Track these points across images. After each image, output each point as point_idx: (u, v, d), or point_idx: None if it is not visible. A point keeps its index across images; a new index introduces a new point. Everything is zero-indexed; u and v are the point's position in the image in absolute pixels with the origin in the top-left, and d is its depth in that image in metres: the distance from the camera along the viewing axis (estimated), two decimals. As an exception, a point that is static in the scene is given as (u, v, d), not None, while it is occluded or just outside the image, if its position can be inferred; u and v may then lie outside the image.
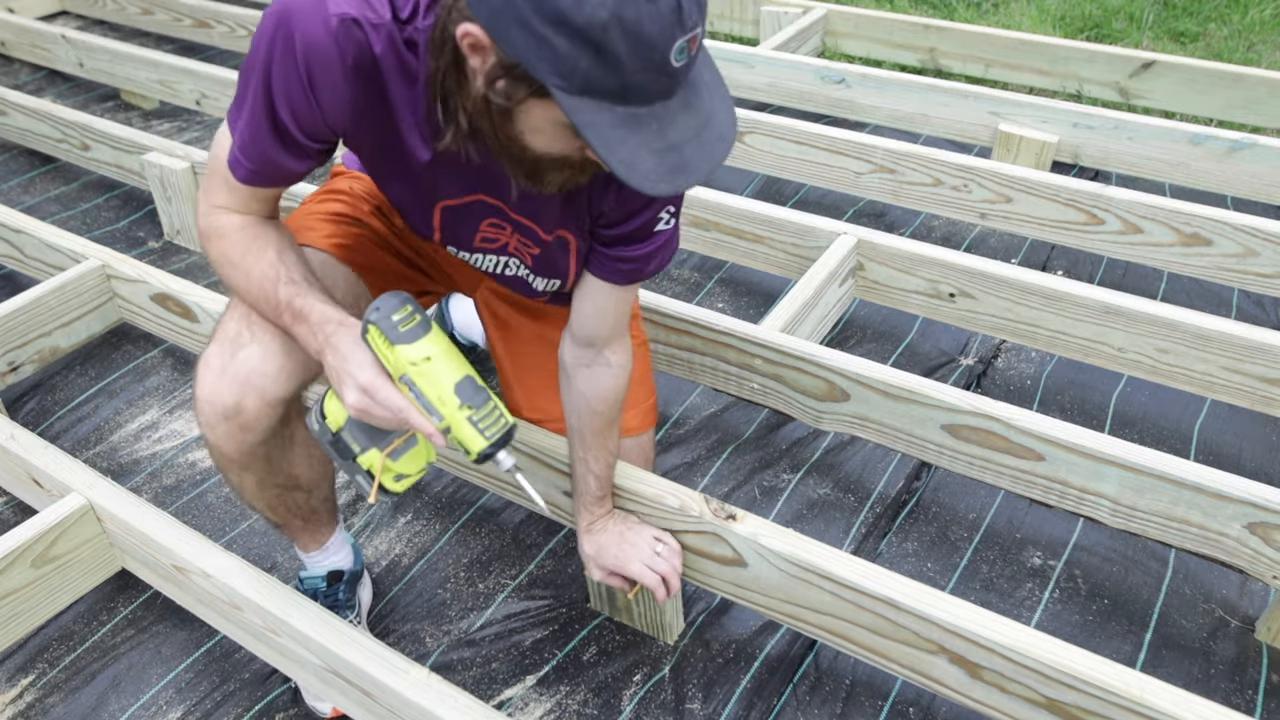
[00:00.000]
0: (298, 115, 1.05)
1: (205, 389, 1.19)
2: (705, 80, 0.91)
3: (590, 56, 0.81)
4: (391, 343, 1.06)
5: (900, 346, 2.18)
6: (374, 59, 1.01)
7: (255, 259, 1.14)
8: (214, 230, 1.16)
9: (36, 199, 2.81)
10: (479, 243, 1.26)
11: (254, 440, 1.22)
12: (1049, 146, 2.65)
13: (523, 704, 1.46)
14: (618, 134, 0.86)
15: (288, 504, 1.36)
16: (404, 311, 1.07)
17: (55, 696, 1.48)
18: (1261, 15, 3.70)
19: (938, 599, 1.24)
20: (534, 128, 0.93)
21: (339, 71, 1.01)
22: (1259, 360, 1.74)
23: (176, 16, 3.72)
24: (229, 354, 1.18)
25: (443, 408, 1.07)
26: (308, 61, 1.00)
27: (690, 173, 0.89)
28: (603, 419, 1.34)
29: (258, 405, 1.18)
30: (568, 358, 1.34)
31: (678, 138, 0.88)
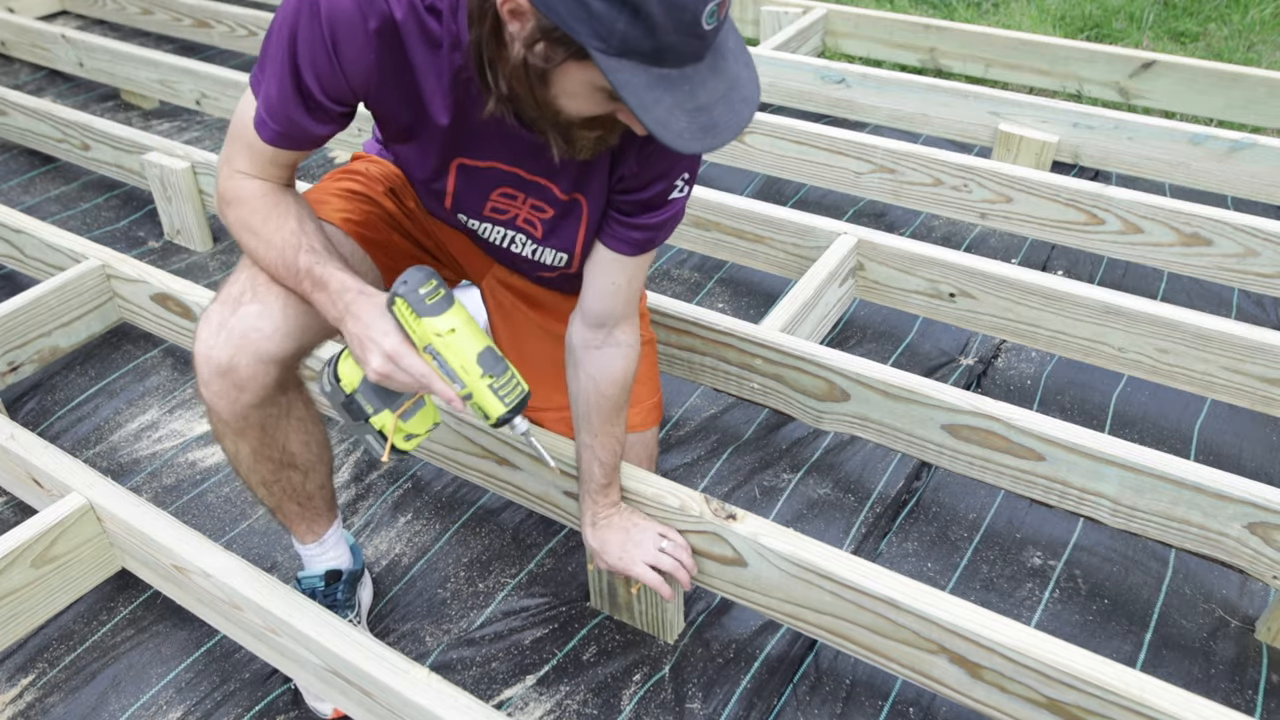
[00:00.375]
0: (321, 78, 1.08)
1: (202, 344, 1.20)
2: (730, 46, 0.95)
3: (628, 18, 0.85)
4: (419, 315, 1.10)
5: (900, 346, 2.18)
6: (395, 24, 1.05)
7: (276, 227, 1.17)
8: (234, 195, 1.18)
9: (36, 199, 2.81)
10: (489, 212, 1.28)
11: (248, 401, 1.22)
12: (1049, 146, 2.65)
13: (523, 704, 1.46)
14: (653, 94, 0.89)
15: (283, 484, 1.36)
16: (430, 285, 1.11)
17: (55, 696, 1.48)
18: (1261, 15, 3.70)
19: (938, 599, 1.24)
20: (569, 91, 0.96)
21: (361, 35, 1.04)
22: (1259, 360, 1.74)
23: (176, 16, 3.72)
24: (229, 311, 1.19)
25: (465, 376, 1.12)
26: (332, 26, 1.03)
27: (720, 132, 0.92)
28: (611, 402, 1.34)
29: (251, 362, 1.19)
30: (576, 340, 1.34)
31: (707, 99, 0.91)
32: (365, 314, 1.12)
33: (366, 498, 1.81)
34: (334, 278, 1.15)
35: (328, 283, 1.14)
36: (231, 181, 1.19)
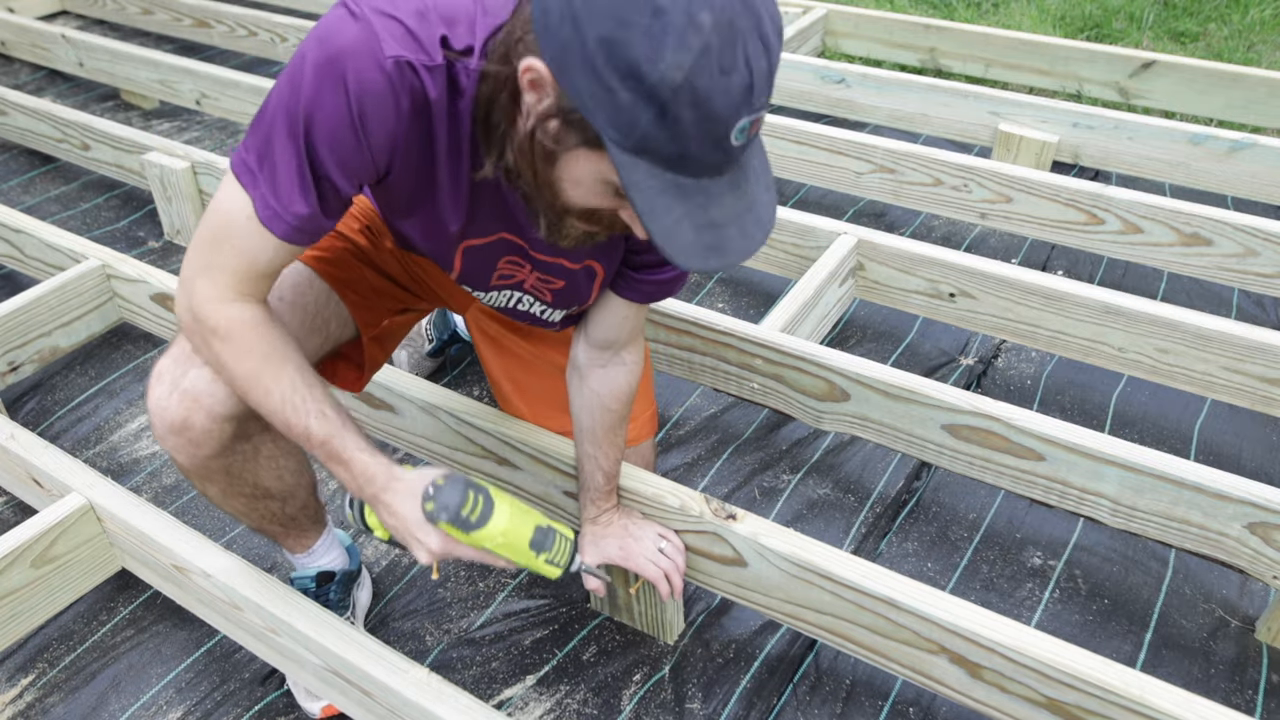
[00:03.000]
0: (345, 160, 0.98)
1: (153, 401, 1.16)
2: (755, 165, 0.90)
3: (653, 116, 0.79)
4: (466, 533, 1.12)
5: (900, 346, 2.18)
6: (428, 102, 0.97)
7: (274, 377, 1.07)
8: (217, 327, 1.05)
9: (36, 199, 2.81)
10: (495, 280, 1.25)
11: (207, 454, 1.19)
12: (1049, 146, 2.65)
13: (523, 703, 1.46)
14: (663, 201, 0.84)
15: (261, 512, 1.34)
16: (469, 501, 1.11)
17: (55, 696, 1.48)
18: (1261, 15, 3.70)
19: (938, 599, 1.24)
20: (575, 178, 0.91)
21: (393, 113, 0.96)
22: (1259, 360, 1.74)
23: (176, 16, 3.72)
24: (180, 370, 1.15)
25: (520, 560, 1.17)
26: (361, 103, 0.94)
27: (726, 254, 0.87)
28: (615, 416, 1.34)
29: (205, 422, 1.15)
30: (582, 359, 1.34)
31: (720, 216, 0.86)
32: (401, 509, 1.11)
33: (366, 498, 1.81)
34: (356, 459, 1.10)
35: (349, 463, 1.11)
36: (211, 307, 1.04)
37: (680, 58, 0.77)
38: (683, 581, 1.40)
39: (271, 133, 0.98)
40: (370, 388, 1.70)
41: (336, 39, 0.93)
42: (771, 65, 0.82)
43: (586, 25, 0.79)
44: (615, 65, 0.78)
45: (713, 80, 0.78)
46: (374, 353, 1.42)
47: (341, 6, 0.96)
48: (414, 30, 0.94)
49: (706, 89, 0.78)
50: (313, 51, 0.94)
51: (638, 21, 0.77)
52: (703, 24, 0.77)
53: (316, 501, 1.43)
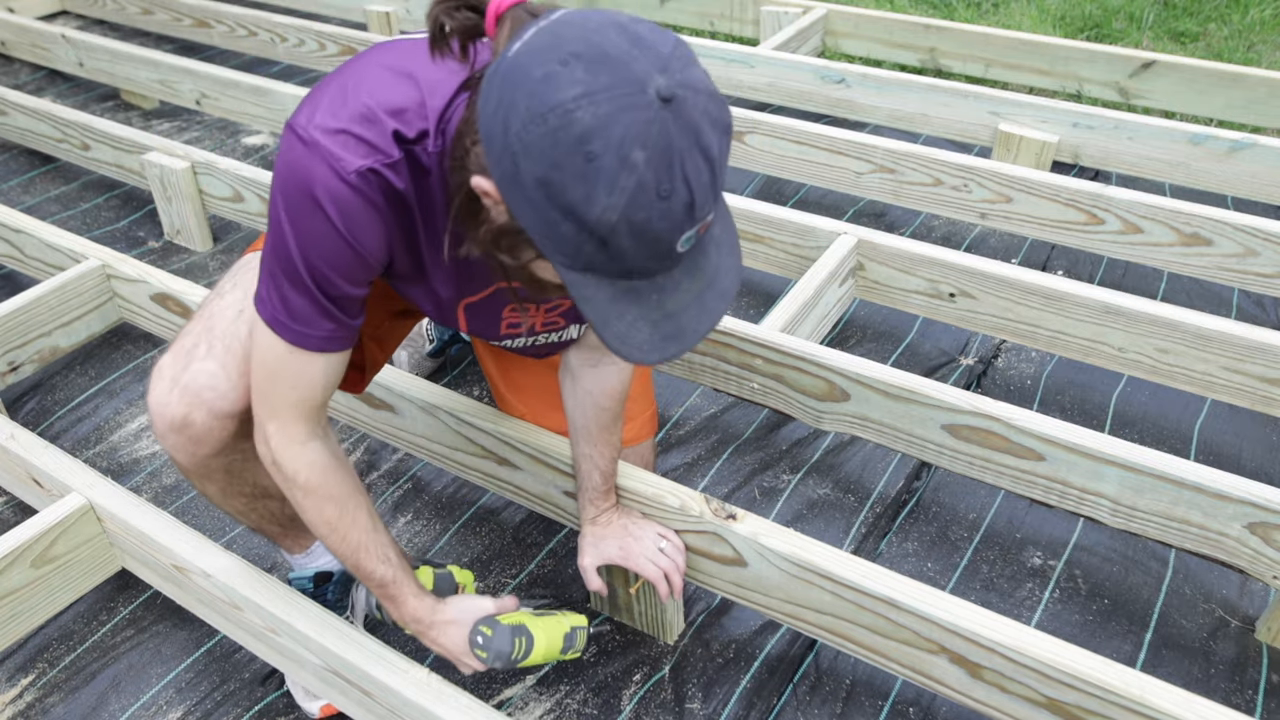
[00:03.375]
0: (350, 274, 1.02)
1: (154, 399, 1.17)
2: (715, 235, 0.90)
3: (595, 246, 0.81)
4: (516, 666, 1.31)
5: (900, 346, 2.18)
6: (399, 194, 1.00)
7: (351, 521, 1.18)
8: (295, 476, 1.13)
9: (36, 199, 2.81)
10: (505, 330, 1.26)
11: (207, 453, 1.20)
12: (1049, 146, 2.65)
13: (522, 703, 1.46)
14: (616, 308, 0.85)
15: (260, 512, 1.34)
16: (516, 647, 1.28)
17: (55, 696, 1.48)
18: (1261, 15, 3.70)
19: (938, 599, 1.24)
20: (540, 268, 0.92)
21: (377, 217, 0.99)
22: (1259, 360, 1.74)
23: (176, 16, 3.72)
24: (181, 365, 1.17)
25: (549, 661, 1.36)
26: (345, 220, 0.98)
27: (684, 339, 0.88)
28: (609, 414, 1.35)
29: (206, 419, 1.16)
30: (573, 360, 1.34)
31: (676, 306, 0.87)
32: (448, 644, 1.26)
33: (366, 498, 1.81)
34: (408, 603, 1.24)
35: (402, 604, 1.24)
36: (290, 453, 1.12)
37: (614, 200, 0.78)
38: (683, 581, 1.40)
39: (280, 283, 1.03)
40: (371, 387, 1.70)
41: (299, 173, 0.96)
42: (715, 171, 0.82)
43: (524, 164, 0.80)
44: (554, 204, 0.80)
45: (650, 209, 0.79)
46: (374, 353, 1.42)
47: (290, 136, 0.98)
48: (363, 136, 0.96)
49: (644, 220, 0.79)
50: (283, 191, 0.98)
51: (570, 166, 0.78)
52: (635, 163, 0.77)
53: None
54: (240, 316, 1.18)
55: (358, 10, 3.84)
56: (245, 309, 1.18)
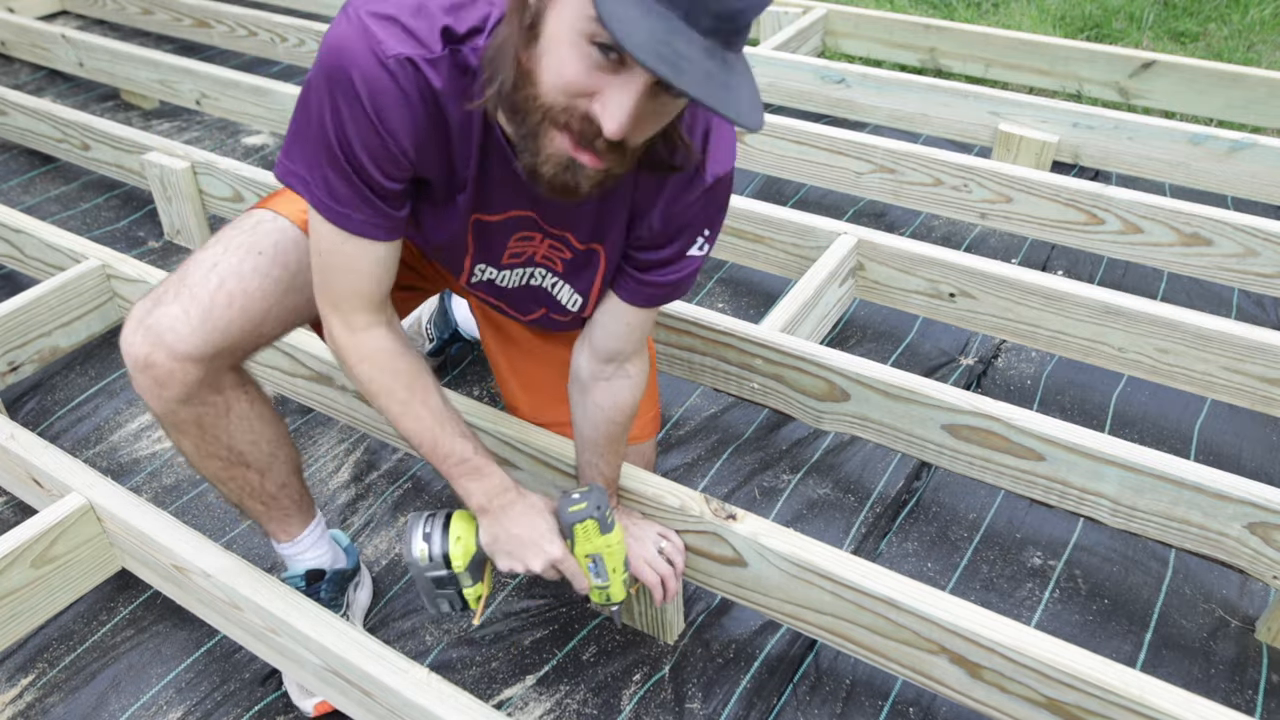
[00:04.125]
0: (379, 160, 1.04)
1: (123, 338, 1.21)
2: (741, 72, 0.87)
3: None
4: (601, 533, 1.26)
5: (900, 346, 2.18)
6: (435, 93, 1.01)
7: (423, 400, 1.20)
8: (364, 357, 1.18)
9: (36, 199, 2.81)
10: (507, 259, 1.26)
11: (172, 397, 1.21)
12: (1049, 146, 2.65)
13: (522, 703, 1.46)
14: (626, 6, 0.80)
15: (239, 482, 1.35)
16: (610, 506, 1.26)
17: (55, 696, 1.48)
18: (1261, 15, 3.70)
19: (938, 599, 1.24)
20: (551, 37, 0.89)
21: (406, 107, 1.00)
22: (1259, 360, 1.74)
23: (176, 16, 3.72)
24: (149, 309, 1.20)
25: (613, 575, 1.31)
26: (372, 98, 0.99)
27: (682, 73, 0.81)
28: (619, 428, 1.35)
29: (167, 360, 1.18)
30: (585, 372, 1.33)
31: (686, 51, 0.82)
32: (529, 518, 1.24)
33: (366, 497, 1.81)
34: (495, 474, 1.23)
35: (487, 475, 1.23)
36: (353, 340, 1.17)
37: None
38: (680, 585, 1.40)
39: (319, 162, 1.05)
40: (370, 388, 1.69)
41: (340, 50, 0.98)
42: None
43: None
44: None
45: None
46: None
47: (341, 14, 1.00)
48: (410, 27, 0.99)
49: None
50: (323, 63, 1.00)
51: None
52: None
53: (301, 485, 1.43)
54: (214, 269, 1.21)
55: (358, 10, 3.84)
56: (219, 263, 1.21)
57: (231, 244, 1.23)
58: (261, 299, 1.22)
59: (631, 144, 0.96)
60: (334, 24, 1.00)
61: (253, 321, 1.22)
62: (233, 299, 1.20)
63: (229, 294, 1.20)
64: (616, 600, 1.34)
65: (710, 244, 1.23)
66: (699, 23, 0.83)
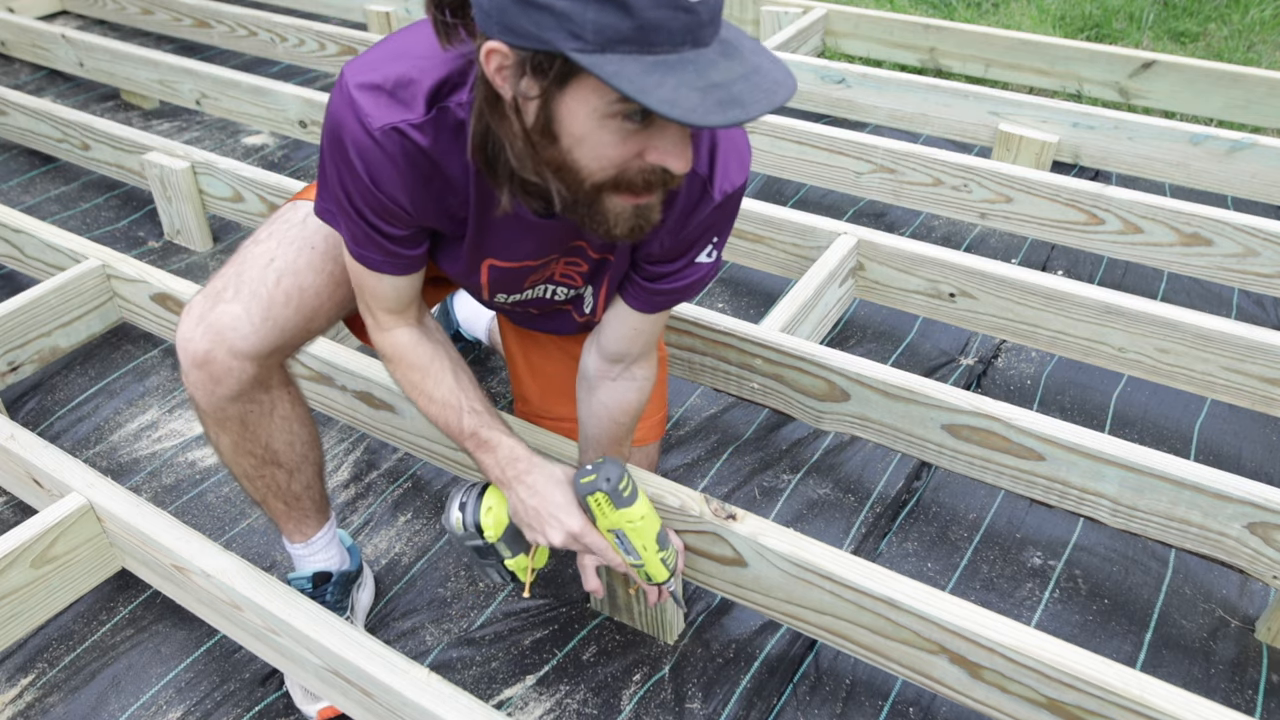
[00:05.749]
0: (380, 213, 1.09)
1: (181, 334, 1.22)
2: (747, 45, 0.86)
3: (596, 5, 0.78)
4: (616, 507, 1.20)
5: (900, 346, 2.18)
6: (422, 151, 1.03)
7: (435, 383, 1.23)
8: (390, 352, 1.24)
9: (36, 199, 2.81)
10: (527, 286, 1.27)
11: (225, 394, 1.23)
12: (1049, 146, 2.65)
13: (522, 703, 1.46)
14: (652, 79, 0.79)
15: (267, 480, 1.36)
16: (625, 479, 1.20)
17: (55, 696, 1.48)
18: (1261, 15, 3.70)
19: (938, 599, 1.24)
20: (578, 133, 0.89)
21: (394, 169, 1.04)
22: (1259, 360, 1.74)
23: (176, 16, 3.72)
24: (209, 305, 1.21)
25: (644, 553, 1.25)
26: (365, 166, 1.03)
27: (745, 105, 0.80)
28: (622, 429, 1.35)
29: (226, 357, 1.20)
30: (592, 370, 1.33)
31: (722, 78, 0.81)
32: (543, 488, 1.20)
33: (366, 497, 1.81)
34: (502, 444, 1.22)
35: (495, 447, 1.22)
36: (381, 337, 1.24)
37: None
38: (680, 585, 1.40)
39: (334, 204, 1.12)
40: (370, 388, 1.70)
41: (336, 122, 1.04)
42: None
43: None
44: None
45: None
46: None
47: (340, 81, 1.05)
48: (395, 93, 1.01)
49: None
50: (326, 131, 1.07)
51: None
52: None
53: (322, 488, 1.44)
54: (270, 265, 1.22)
55: (358, 10, 3.85)
56: (276, 258, 1.23)
57: (285, 238, 1.25)
58: (315, 295, 1.24)
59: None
60: (332, 93, 1.05)
61: (306, 318, 1.24)
62: (290, 297, 1.22)
63: (286, 291, 1.22)
64: (657, 580, 1.28)
65: (719, 250, 1.22)
66: (705, 38, 0.82)
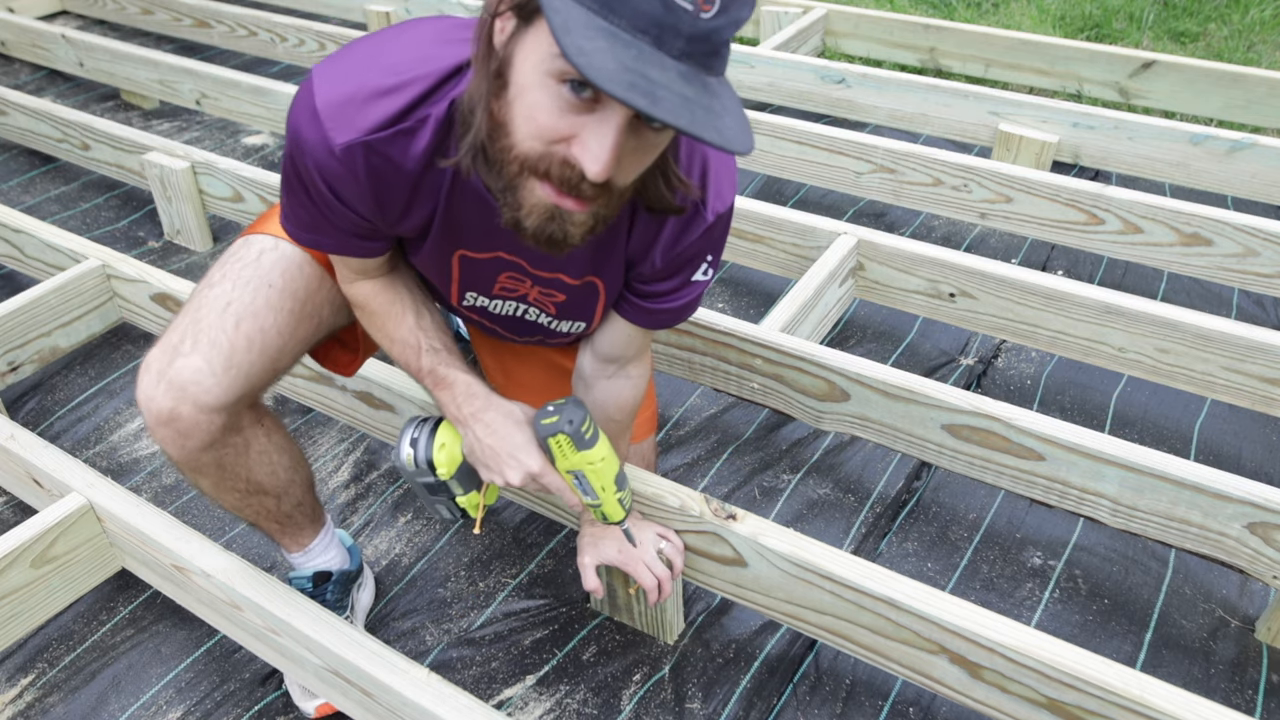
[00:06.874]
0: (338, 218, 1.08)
1: (142, 393, 1.17)
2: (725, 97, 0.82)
3: None
4: (577, 449, 1.16)
5: (900, 346, 2.18)
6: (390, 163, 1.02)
7: (395, 324, 1.21)
8: (356, 301, 1.23)
9: (36, 199, 2.81)
10: (498, 290, 1.24)
11: (196, 446, 1.19)
12: (1049, 146, 2.65)
13: (522, 703, 1.46)
14: (585, 33, 0.75)
15: (255, 508, 1.34)
16: (587, 421, 1.17)
17: (55, 696, 1.48)
18: (1261, 15, 3.70)
19: (938, 599, 1.24)
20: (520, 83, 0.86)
21: (355, 183, 1.03)
22: (1259, 360, 1.74)
23: (176, 16, 3.72)
24: (167, 360, 1.17)
25: (602, 494, 1.22)
26: (327, 181, 1.03)
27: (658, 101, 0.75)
28: (619, 426, 1.35)
29: (193, 413, 1.16)
30: (587, 369, 1.34)
31: (659, 78, 0.76)
32: (500, 427, 1.17)
33: (366, 497, 1.81)
34: (458, 380, 1.19)
35: (452, 384, 1.20)
36: (348, 288, 1.22)
37: None
38: (680, 585, 1.40)
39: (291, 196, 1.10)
40: (370, 388, 1.70)
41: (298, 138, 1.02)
42: None
43: None
44: None
45: None
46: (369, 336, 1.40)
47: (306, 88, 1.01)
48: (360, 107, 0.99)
49: None
50: (288, 142, 1.04)
51: None
52: None
53: (313, 499, 1.42)
54: (228, 309, 1.18)
55: (358, 10, 3.85)
56: (232, 301, 1.19)
57: (240, 279, 1.20)
58: (277, 335, 1.20)
59: (619, 184, 0.91)
60: (294, 101, 1.02)
61: (271, 360, 1.21)
62: (251, 341, 1.18)
63: (247, 336, 1.18)
64: (613, 520, 1.26)
65: (714, 268, 1.21)
66: (671, 47, 0.78)
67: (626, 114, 0.84)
